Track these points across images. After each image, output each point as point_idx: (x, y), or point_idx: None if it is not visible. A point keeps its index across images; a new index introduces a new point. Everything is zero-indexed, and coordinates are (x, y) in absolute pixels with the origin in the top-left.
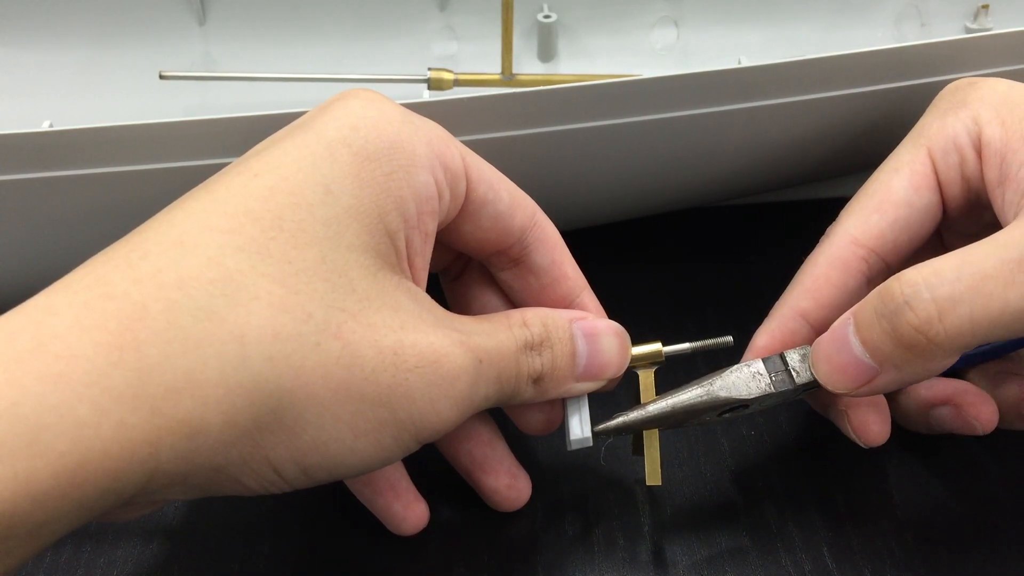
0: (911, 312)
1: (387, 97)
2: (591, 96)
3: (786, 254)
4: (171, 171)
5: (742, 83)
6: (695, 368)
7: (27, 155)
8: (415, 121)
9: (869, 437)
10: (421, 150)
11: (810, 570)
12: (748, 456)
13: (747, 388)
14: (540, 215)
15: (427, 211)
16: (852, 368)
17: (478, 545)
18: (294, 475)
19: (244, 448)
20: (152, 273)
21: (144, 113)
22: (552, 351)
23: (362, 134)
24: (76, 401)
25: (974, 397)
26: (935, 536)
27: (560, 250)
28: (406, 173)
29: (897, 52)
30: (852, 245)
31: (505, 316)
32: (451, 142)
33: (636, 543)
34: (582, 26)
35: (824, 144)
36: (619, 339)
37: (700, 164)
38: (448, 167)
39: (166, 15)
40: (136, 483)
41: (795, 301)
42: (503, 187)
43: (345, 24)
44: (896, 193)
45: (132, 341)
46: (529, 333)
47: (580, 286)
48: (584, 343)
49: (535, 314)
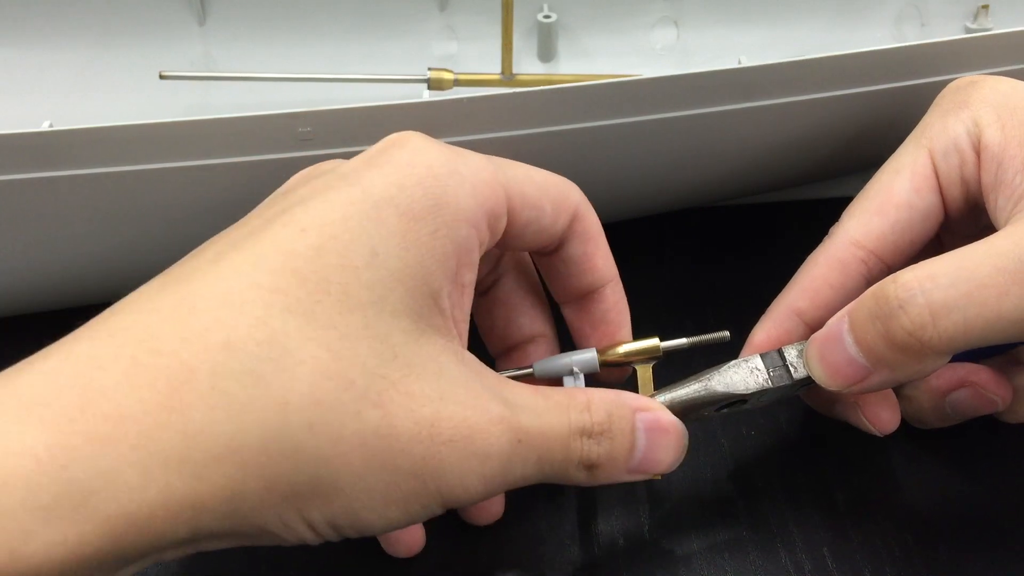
0: (905, 316)
1: (435, 142)
2: (591, 96)
3: (786, 254)
4: (171, 171)
5: (742, 83)
6: (691, 363)
7: (27, 155)
8: (461, 170)
9: (883, 425)
10: (465, 203)
11: (810, 569)
12: (748, 455)
13: (744, 383)
14: (583, 207)
15: (466, 263)
16: (846, 367)
17: (477, 545)
18: (327, 532)
19: (282, 510)
20: (200, 332)
21: (144, 113)
22: (612, 442)
23: (408, 192)
24: (124, 465)
25: (988, 375)
26: (935, 535)
27: (594, 243)
28: (449, 230)
29: (897, 52)
30: (852, 247)
31: (568, 395)
32: (495, 181)
33: (636, 542)
34: (582, 26)
35: (824, 144)
36: (678, 439)
37: (700, 164)
38: (491, 211)
39: (166, 15)
40: (178, 540)
41: (792, 300)
42: (547, 199)
43: (345, 24)
44: (897, 195)
45: (179, 404)
46: (590, 420)
47: (605, 278)
48: (644, 437)
49: (602, 400)
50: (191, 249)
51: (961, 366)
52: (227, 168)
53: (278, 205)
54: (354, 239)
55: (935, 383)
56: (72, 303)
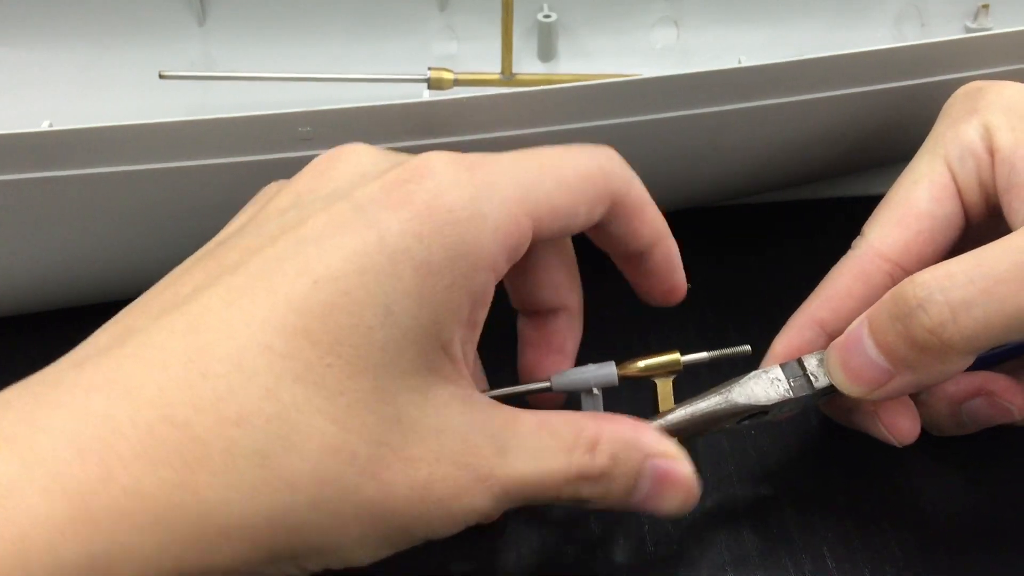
0: (924, 315)
1: (457, 166)
2: (591, 96)
3: (785, 254)
4: (171, 171)
5: (742, 83)
6: (711, 375)
7: (27, 155)
8: (484, 209)
9: (902, 434)
10: (487, 249)
11: (810, 570)
12: (748, 456)
13: (765, 394)
14: (620, 191)
15: (480, 303)
16: (867, 371)
17: (477, 545)
18: (318, 572)
19: (283, 567)
20: (213, 401)
21: (144, 113)
22: (610, 485)
23: (426, 243)
24: (142, 540)
25: (1005, 383)
26: (935, 536)
27: (639, 216)
28: (466, 280)
29: (897, 52)
30: (877, 259)
31: (575, 428)
32: (521, 213)
33: (636, 543)
34: (582, 26)
35: (824, 144)
36: (687, 493)
37: (699, 164)
38: (514, 248)
39: (166, 15)
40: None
41: (814, 311)
42: (582, 201)
43: (345, 24)
44: (917, 205)
45: (193, 483)
46: (592, 464)
47: (652, 240)
48: (649, 484)
49: (611, 440)
50: (191, 249)
51: (978, 374)
52: (227, 168)
53: (291, 232)
54: (368, 296)
55: (951, 390)
56: (72, 303)
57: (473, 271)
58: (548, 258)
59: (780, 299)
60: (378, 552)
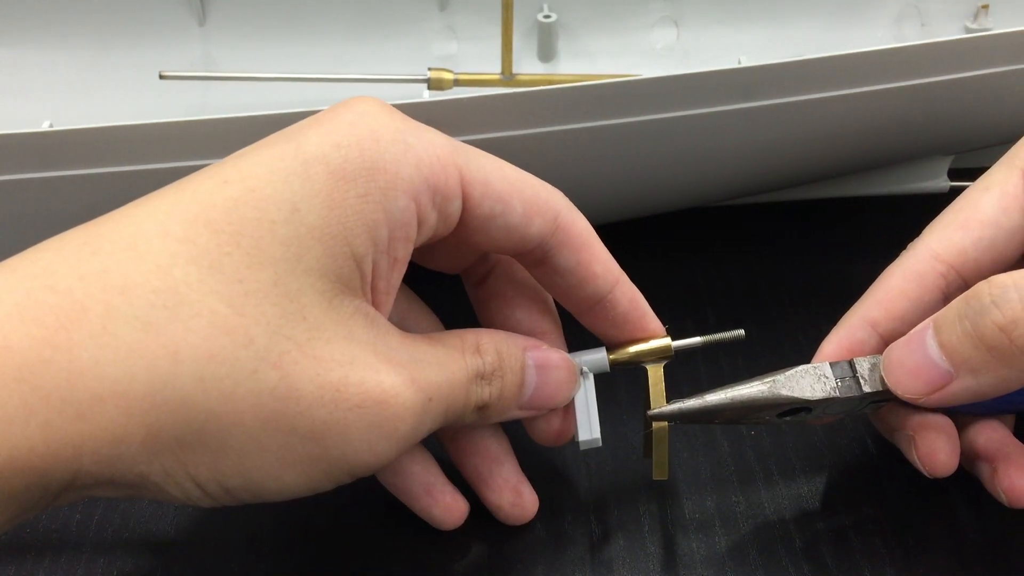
0: (997, 311)
1: (391, 109)
2: (591, 96)
3: (785, 254)
4: (171, 171)
5: (742, 83)
6: (701, 360)
7: (27, 155)
8: (408, 139)
9: (936, 466)
10: (406, 172)
11: (809, 570)
12: (747, 456)
13: (811, 389)
14: (565, 216)
15: (400, 236)
16: (925, 371)
17: (477, 545)
18: (217, 493)
19: (166, 461)
20: (98, 272)
21: (144, 113)
22: (502, 381)
23: (343, 152)
24: (6, 396)
25: (1015, 463)
26: (935, 537)
27: (588, 250)
28: (383, 196)
29: (897, 52)
30: (932, 260)
31: (459, 339)
32: (448, 160)
33: (636, 543)
34: (582, 26)
35: (824, 144)
36: (568, 373)
37: (700, 164)
38: (438, 189)
39: (166, 15)
40: (61, 481)
41: (866, 311)
42: (517, 197)
43: (345, 24)
44: (983, 212)
45: (66, 341)
46: (482, 362)
47: (610, 282)
48: (534, 374)
49: (490, 340)
50: None
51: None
52: None
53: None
54: (275, 193)
55: (972, 439)
56: None
57: (390, 189)
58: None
59: (780, 299)
60: (284, 473)
